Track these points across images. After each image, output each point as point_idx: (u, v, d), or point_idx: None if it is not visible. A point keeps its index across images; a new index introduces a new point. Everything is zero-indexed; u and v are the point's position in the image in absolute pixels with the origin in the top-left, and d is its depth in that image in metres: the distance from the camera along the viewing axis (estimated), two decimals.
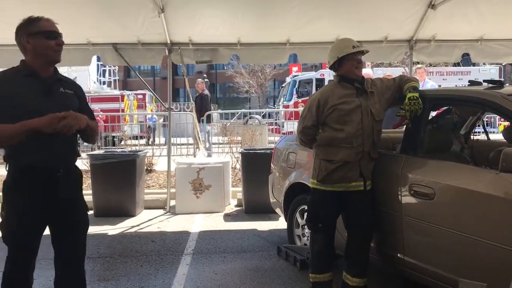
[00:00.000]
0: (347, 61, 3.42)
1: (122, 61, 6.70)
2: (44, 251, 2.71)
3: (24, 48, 2.60)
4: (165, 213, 6.76)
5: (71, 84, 2.77)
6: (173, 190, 6.97)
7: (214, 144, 11.23)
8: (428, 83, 8.09)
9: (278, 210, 5.06)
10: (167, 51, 6.70)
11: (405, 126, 3.53)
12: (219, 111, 15.85)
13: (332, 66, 3.54)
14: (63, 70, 20.36)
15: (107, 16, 5.79)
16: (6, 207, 2.55)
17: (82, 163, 9.38)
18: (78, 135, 2.73)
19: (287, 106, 19.09)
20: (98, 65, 20.78)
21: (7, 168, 2.58)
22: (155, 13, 5.78)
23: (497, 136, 7.97)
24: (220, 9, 5.99)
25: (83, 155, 10.02)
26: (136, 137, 14.43)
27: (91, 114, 2.79)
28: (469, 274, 2.77)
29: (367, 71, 8.40)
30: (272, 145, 6.70)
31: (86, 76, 18.08)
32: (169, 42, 6.57)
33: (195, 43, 6.65)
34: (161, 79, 43.86)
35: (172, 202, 6.91)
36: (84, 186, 9.21)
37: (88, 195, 6.90)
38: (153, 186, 8.18)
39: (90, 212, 6.52)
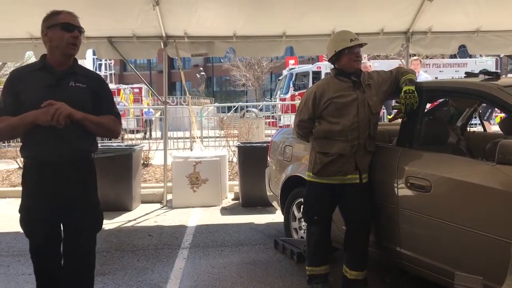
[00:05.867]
0: (344, 54, 3.40)
1: (117, 54, 6.66)
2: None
3: (44, 42, 2.61)
4: (162, 207, 6.74)
5: (88, 78, 2.70)
6: (169, 184, 6.95)
7: (211, 137, 11.21)
8: (422, 76, 8.05)
9: (275, 203, 5.06)
10: (162, 44, 6.65)
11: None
12: (216, 104, 15.80)
13: (330, 59, 3.52)
14: None
15: (101, 9, 5.73)
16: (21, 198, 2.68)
17: None
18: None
19: (284, 99, 19.06)
20: (93, 59, 20.70)
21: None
22: (150, 6, 5.73)
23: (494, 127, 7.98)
24: (216, 1, 5.94)
25: None
26: (132, 131, 14.39)
27: (108, 109, 2.73)
28: (465, 267, 2.77)
29: (365, 63, 8.36)
30: (269, 139, 6.70)
31: None
32: (164, 35, 6.52)
33: (191, 36, 6.60)
34: (158, 72, 43.65)
35: (169, 196, 6.89)
36: None
37: None
38: (149, 180, 8.16)
39: None
